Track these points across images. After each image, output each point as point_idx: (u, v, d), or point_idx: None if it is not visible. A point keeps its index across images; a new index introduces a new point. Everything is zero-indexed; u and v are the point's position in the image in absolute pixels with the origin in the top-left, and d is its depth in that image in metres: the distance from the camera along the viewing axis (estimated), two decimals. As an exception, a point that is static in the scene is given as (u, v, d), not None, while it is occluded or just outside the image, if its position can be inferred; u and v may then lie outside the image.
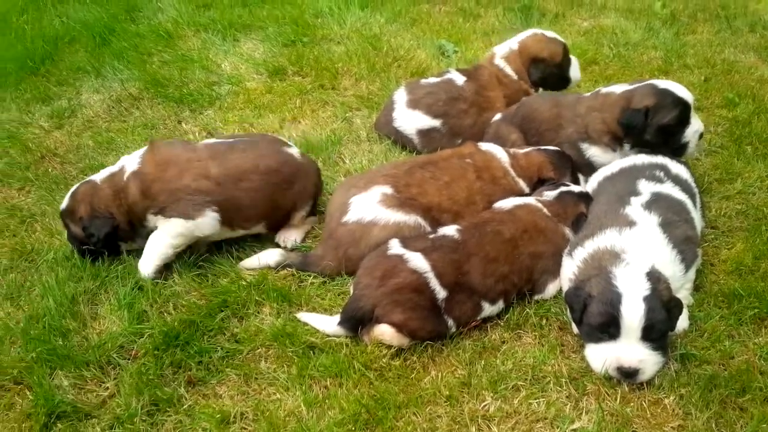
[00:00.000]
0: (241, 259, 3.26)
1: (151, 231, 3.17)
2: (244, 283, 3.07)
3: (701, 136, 3.56)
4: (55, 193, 3.73)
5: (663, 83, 3.51)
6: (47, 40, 5.48)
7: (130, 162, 3.20)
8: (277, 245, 3.38)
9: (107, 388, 2.63)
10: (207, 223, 3.13)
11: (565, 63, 4.20)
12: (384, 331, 2.69)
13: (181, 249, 3.17)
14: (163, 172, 3.13)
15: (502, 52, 4.24)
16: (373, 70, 5.12)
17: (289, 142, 3.53)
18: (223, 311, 2.96)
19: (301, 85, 4.96)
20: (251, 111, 4.63)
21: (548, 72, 4.19)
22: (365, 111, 4.64)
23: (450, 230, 2.95)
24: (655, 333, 2.53)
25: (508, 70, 4.18)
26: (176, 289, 3.05)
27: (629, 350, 2.55)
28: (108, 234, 3.14)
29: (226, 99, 4.78)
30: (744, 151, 4.07)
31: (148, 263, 3.11)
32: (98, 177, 3.24)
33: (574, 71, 4.30)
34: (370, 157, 4.12)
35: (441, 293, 2.73)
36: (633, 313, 2.50)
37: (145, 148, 3.27)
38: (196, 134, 4.35)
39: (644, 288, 2.52)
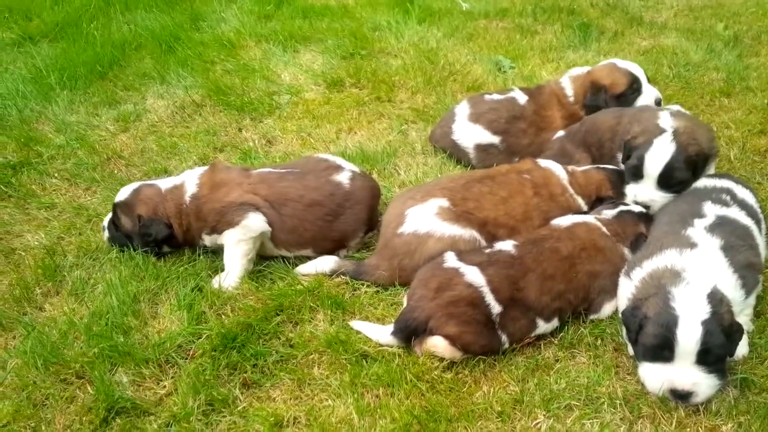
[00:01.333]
0: (297, 265, 3.32)
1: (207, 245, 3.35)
2: (300, 287, 3.13)
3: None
4: (120, 194, 3.87)
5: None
6: (115, 46, 5.69)
7: (190, 181, 3.35)
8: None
9: (165, 386, 2.70)
10: (254, 222, 3.21)
11: (629, 96, 4.00)
12: (437, 343, 2.70)
13: (252, 254, 3.25)
14: (214, 193, 3.28)
15: (573, 73, 4.21)
16: (429, 83, 5.16)
17: (343, 165, 3.51)
18: (278, 315, 3.01)
19: (358, 96, 5.03)
20: (309, 121, 4.72)
21: (603, 100, 3.98)
22: (421, 124, 4.68)
23: (506, 245, 2.95)
24: (712, 357, 2.46)
25: (568, 90, 4.12)
26: (234, 292, 3.12)
27: (683, 373, 2.48)
28: (164, 238, 3.30)
29: (285, 108, 4.88)
30: (811, 176, 3.95)
31: (230, 278, 3.20)
32: (163, 185, 3.38)
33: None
34: (425, 170, 4.14)
35: (496, 308, 2.72)
36: (689, 337, 2.43)
37: (205, 168, 3.42)
38: (256, 142, 4.45)
39: (704, 311, 2.45)
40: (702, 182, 3.29)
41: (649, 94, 4.02)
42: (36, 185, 4.00)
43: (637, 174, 3.27)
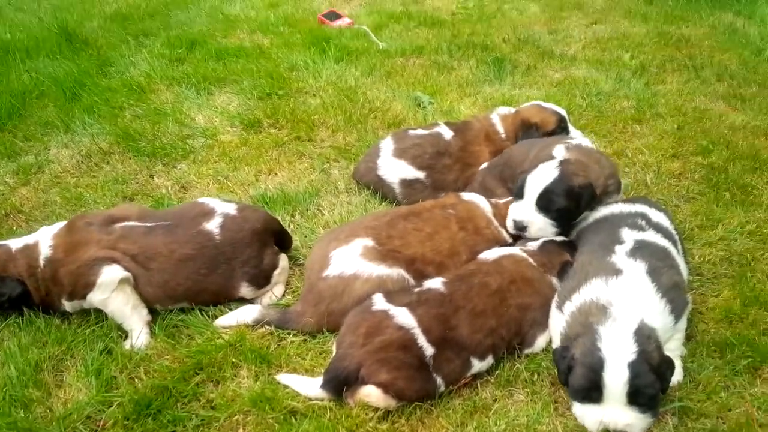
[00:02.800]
0: (217, 317, 3.11)
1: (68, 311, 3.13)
2: (220, 342, 2.92)
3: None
4: (20, 252, 3.56)
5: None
6: (15, 95, 5.34)
7: (44, 241, 3.09)
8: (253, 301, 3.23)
9: (72, 463, 2.43)
10: (108, 275, 2.96)
11: (558, 134, 4.08)
12: (370, 393, 2.56)
13: (134, 300, 3.01)
14: (69, 256, 3.02)
15: (501, 111, 4.23)
16: (349, 121, 5.09)
17: (217, 208, 3.27)
18: (197, 374, 2.79)
19: (277, 137, 4.90)
20: (226, 164, 4.54)
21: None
22: (343, 162, 4.58)
23: (435, 283, 2.86)
24: (643, 398, 2.42)
25: (499, 127, 4.13)
26: (148, 353, 2.88)
27: (615, 414, 2.44)
28: (18, 296, 3.03)
29: (200, 152, 4.68)
30: (722, 197, 4.08)
31: (138, 337, 2.97)
32: (13, 245, 3.13)
33: None
34: (349, 209, 4.03)
35: (429, 350, 2.61)
36: (616, 380, 2.39)
37: (62, 225, 3.17)
38: (169, 188, 4.23)
39: (630, 350, 2.40)
40: (617, 207, 3.32)
41: (574, 132, 4.16)
42: None
43: (519, 194, 3.30)
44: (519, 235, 3.31)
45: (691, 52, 6.57)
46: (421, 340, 2.61)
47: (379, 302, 2.74)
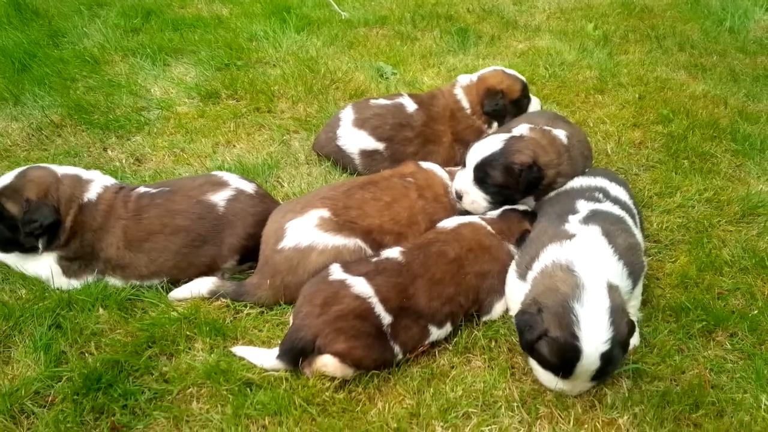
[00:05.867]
0: (171, 290, 3.04)
1: None
2: (174, 315, 2.85)
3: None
4: (-35, 228, 3.42)
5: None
6: (-40, 67, 5.13)
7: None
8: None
9: (19, 440, 2.36)
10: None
11: (522, 102, 4.05)
12: (326, 362, 2.53)
13: None
14: None
15: (463, 82, 4.12)
16: (310, 92, 5.00)
17: (227, 180, 3.28)
18: (150, 348, 2.73)
19: (235, 108, 4.78)
20: (182, 136, 4.42)
21: (501, 106, 3.99)
22: (303, 133, 4.50)
23: (393, 252, 2.82)
24: (607, 376, 2.50)
25: (464, 103, 4.04)
26: (100, 327, 2.80)
27: (576, 385, 2.53)
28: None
29: (155, 124, 4.55)
30: (681, 165, 4.12)
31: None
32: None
33: (533, 110, 4.11)
34: (309, 180, 3.97)
35: (386, 319, 2.59)
36: (588, 367, 2.41)
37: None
38: (123, 161, 4.11)
39: (605, 337, 2.38)
40: (577, 181, 3.31)
41: (536, 101, 4.14)
42: None
43: (463, 162, 3.31)
44: (458, 203, 3.29)
45: (654, 23, 6.59)
46: (379, 309, 2.58)
47: (336, 272, 2.69)
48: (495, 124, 4.06)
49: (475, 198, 3.22)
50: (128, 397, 2.49)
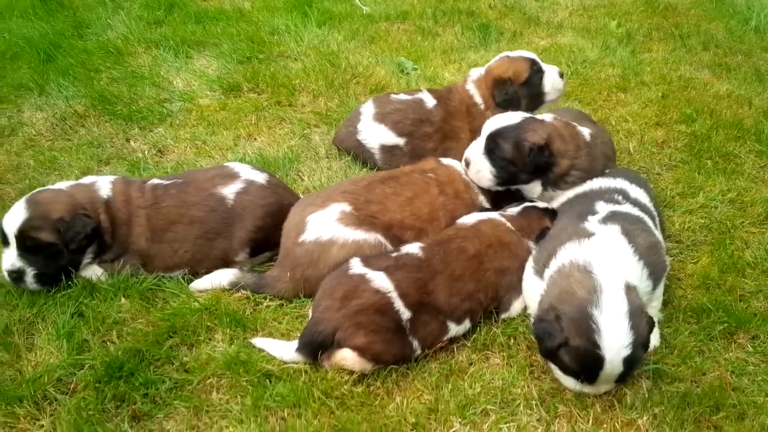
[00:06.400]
0: (191, 281, 3.07)
1: None
2: (196, 305, 2.88)
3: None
4: (-9, 215, 3.48)
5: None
6: (-13, 57, 5.20)
7: None
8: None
9: (42, 425, 2.40)
10: None
11: (534, 79, 3.93)
12: (346, 356, 2.54)
13: None
14: None
15: (474, 76, 4.07)
16: (331, 86, 5.01)
17: (238, 172, 3.30)
18: (171, 338, 2.76)
19: (256, 101, 4.80)
20: (204, 128, 4.45)
21: (513, 93, 3.89)
22: (324, 128, 4.51)
23: (413, 248, 2.82)
24: (629, 377, 2.48)
25: (477, 98, 3.99)
26: (122, 316, 2.83)
27: (599, 389, 2.51)
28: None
29: (177, 116, 4.58)
30: (704, 165, 4.07)
31: None
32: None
33: (550, 82, 3.92)
34: (329, 174, 3.98)
35: (405, 314, 2.59)
36: (612, 372, 2.40)
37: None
38: (145, 152, 4.15)
39: (627, 341, 2.36)
40: (597, 183, 3.27)
41: (550, 69, 3.95)
42: None
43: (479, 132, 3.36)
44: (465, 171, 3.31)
45: (678, 21, 6.51)
46: (398, 304, 2.58)
47: (356, 266, 2.70)
48: None
49: (481, 168, 3.23)
50: (149, 386, 2.52)
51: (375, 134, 3.97)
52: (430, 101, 4.02)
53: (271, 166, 3.96)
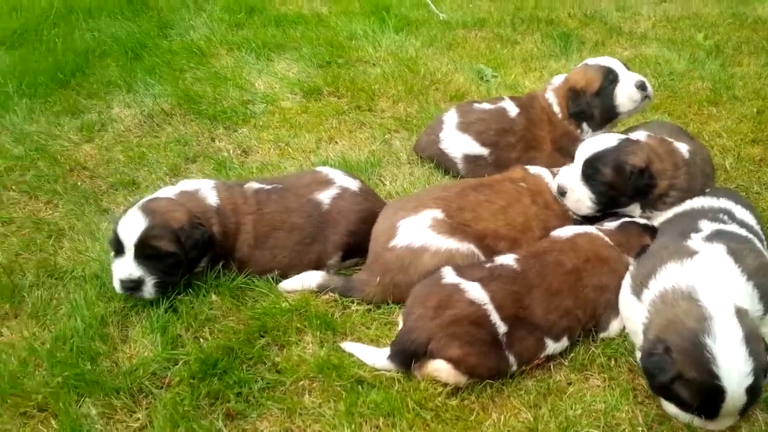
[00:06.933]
0: (279, 280, 3.06)
1: None
2: (285, 305, 2.87)
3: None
4: (84, 208, 3.57)
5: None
6: (78, 54, 5.37)
7: None
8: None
9: (138, 418, 2.42)
10: None
11: (606, 90, 3.70)
12: (440, 367, 2.48)
13: None
14: None
15: (555, 84, 3.95)
16: (410, 92, 4.98)
17: (333, 178, 3.30)
18: (262, 337, 2.75)
19: (337, 105, 4.82)
20: (287, 130, 4.48)
21: (585, 104, 3.73)
22: (404, 133, 4.48)
23: (508, 259, 2.75)
24: (752, 407, 2.35)
25: (555, 107, 3.87)
26: (213, 313, 2.85)
27: (724, 425, 2.37)
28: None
29: (261, 118, 4.63)
30: (807, 185, 3.86)
31: None
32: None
33: (624, 93, 3.67)
34: (411, 180, 3.94)
35: (501, 327, 2.51)
36: (735, 406, 2.27)
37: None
38: (230, 152, 4.20)
39: (747, 371, 2.22)
40: (699, 201, 3.12)
41: (627, 79, 3.72)
42: (-9, 199, 3.67)
43: (571, 157, 3.25)
44: (560, 199, 3.19)
45: (769, 35, 6.24)
46: (494, 317, 2.51)
47: (449, 275, 2.64)
48: (585, 126, 3.84)
49: (580, 196, 3.12)
50: (242, 384, 2.51)
51: (458, 144, 3.90)
52: (512, 110, 3.94)
53: (354, 170, 3.94)
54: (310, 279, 3.03)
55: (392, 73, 5.27)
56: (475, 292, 2.54)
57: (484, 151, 3.87)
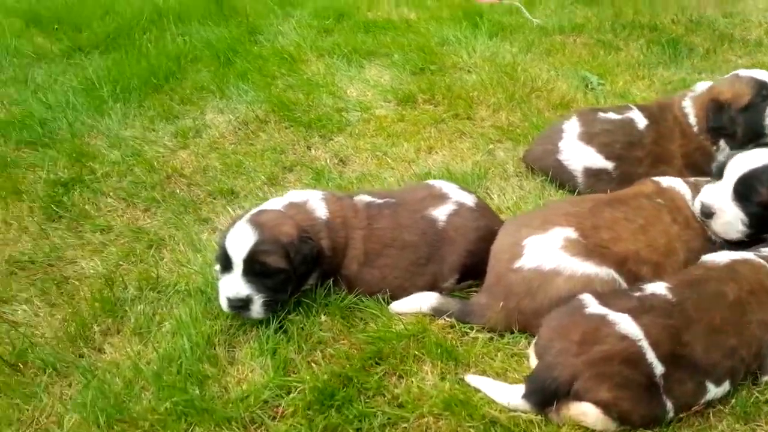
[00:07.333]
0: (390, 300, 2.83)
1: None
2: (400, 329, 2.63)
3: None
4: (183, 217, 3.44)
5: None
6: (170, 58, 5.33)
7: None
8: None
9: (251, 452, 2.22)
10: None
11: (758, 106, 3.34)
12: (587, 411, 2.18)
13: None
14: None
15: (696, 92, 3.59)
16: (511, 100, 4.70)
17: (447, 193, 3.05)
18: (378, 364, 2.51)
19: (434, 113, 4.58)
20: (383, 139, 4.27)
21: (728, 119, 3.38)
22: (508, 143, 4.21)
23: (659, 288, 2.42)
24: None
25: (691, 118, 3.52)
26: (323, 335, 2.63)
27: None
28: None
29: (356, 126, 4.44)
30: None
31: None
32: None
33: None
34: (521, 194, 3.66)
35: (659, 368, 2.19)
36: None
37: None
38: (327, 161, 4.02)
39: None
40: None
41: None
42: (89, 205, 3.58)
43: (718, 173, 2.89)
44: (703, 221, 2.83)
45: None
46: (650, 356, 2.19)
47: (592, 305, 2.34)
48: (723, 144, 3.48)
49: (731, 218, 2.76)
50: (362, 419, 2.28)
51: (580, 156, 3.59)
52: (641, 121, 3.60)
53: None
54: (423, 301, 2.78)
55: (490, 79, 5.00)
56: (627, 325, 2.23)
57: (608, 165, 3.55)
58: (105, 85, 4.85)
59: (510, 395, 2.31)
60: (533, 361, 2.41)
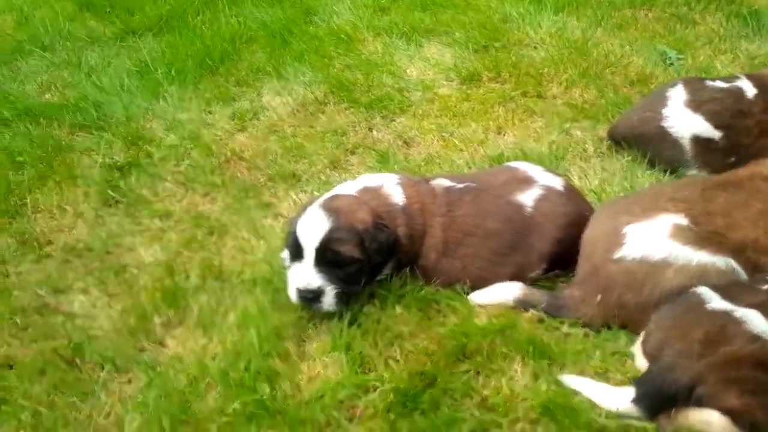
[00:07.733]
0: (469, 291, 2.60)
1: None
2: (484, 323, 2.39)
3: None
4: (244, 202, 3.26)
5: None
6: (225, 39, 5.15)
7: None
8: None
9: (330, 459, 2.02)
10: None
11: None
12: (711, 420, 1.92)
13: None
14: None
15: None
16: (584, 76, 4.38)
17: (533, 176, 2.81)
18: (461, 361, 2.28)
19: (501, 92, 4.30)
20: (449, 119, 4.02)
21: None
22: (585, 122, 3.91)
23: (788, 280, 2.13)
24: None
25: None
26: (400, 329, 2.41)
27: None
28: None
29: (419, 106, 4.20)
30: None
31: None
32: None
33: None
34: (604, 176, 3.38)
35: (796, 373, 1.91)
36: None
37: None
38: (391, 143, 3.80)
39: None
40: None
41: None
42: (147, 190, 3.43)
43: None
44: None
45: None
46: (787, 358, 1.91)
47: (713, 300, 2.07)
48: None
49: None
50: (450, 424, 2.05)
51: (688, 123, 3.33)
52: (749, 90, 3.35)
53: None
54: (507, 292, 2.55)
55: (560, 56, 4.69)
56: (758, 323, 1.95)
57: (716, 134, 3.29)
58: (159, 67, 4.71)
59: (617, 399, 2.06)
60: (639, 362, 2.16)
